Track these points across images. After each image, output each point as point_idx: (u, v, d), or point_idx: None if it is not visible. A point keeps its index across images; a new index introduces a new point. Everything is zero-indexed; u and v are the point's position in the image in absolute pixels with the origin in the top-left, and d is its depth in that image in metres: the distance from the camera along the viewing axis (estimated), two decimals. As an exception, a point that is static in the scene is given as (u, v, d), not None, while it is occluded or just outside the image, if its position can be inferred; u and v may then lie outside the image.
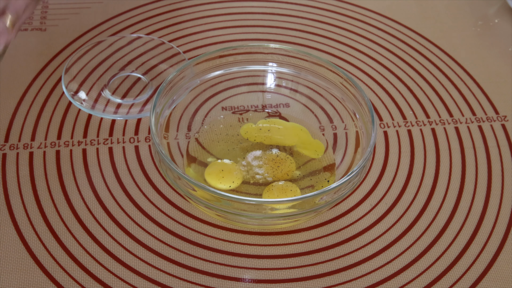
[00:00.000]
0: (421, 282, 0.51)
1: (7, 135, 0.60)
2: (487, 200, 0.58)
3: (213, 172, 0.55)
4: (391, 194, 0.58)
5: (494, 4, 0.82)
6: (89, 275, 0.50)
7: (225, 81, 0.61)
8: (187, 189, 0.49)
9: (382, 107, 0.66)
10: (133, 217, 0.54)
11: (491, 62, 0.73)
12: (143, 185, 0.57)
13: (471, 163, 0.61)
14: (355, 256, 0.53)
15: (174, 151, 0.56)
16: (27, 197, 0.55)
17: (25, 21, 0.73)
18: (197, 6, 0.77)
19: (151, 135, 0.50)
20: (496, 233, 0.55)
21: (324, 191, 0.47)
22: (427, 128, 0.64)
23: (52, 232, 0.53)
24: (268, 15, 0.76)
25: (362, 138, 0.55)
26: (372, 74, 0.70)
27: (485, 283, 0.52)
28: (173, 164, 0.48)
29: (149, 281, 0.50)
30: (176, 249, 0.52)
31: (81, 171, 0.57)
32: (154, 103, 0.51)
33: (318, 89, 0.60)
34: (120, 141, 0.60)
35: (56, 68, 0.67)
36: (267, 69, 0.61)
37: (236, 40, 0.72)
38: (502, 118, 0.66)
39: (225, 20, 0.75)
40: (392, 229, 0.55)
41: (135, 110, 0.63)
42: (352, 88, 0.56)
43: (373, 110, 0.52)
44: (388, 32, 0.76)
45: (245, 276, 0.51)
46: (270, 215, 0.49)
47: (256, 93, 0.63)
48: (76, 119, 0.62)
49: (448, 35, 0.76)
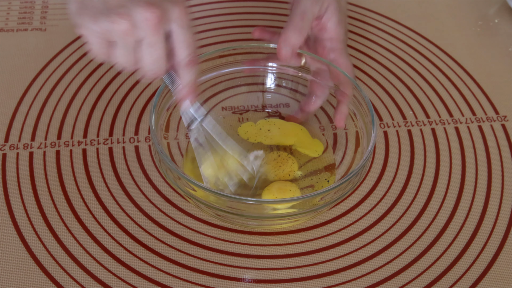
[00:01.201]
0: (421, 282, 0.51)
1: (7, 135, 0.60)
2: (487, 200, 0.58)
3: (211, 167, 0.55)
4: (391, 194, 0.58)
5: (494, 4, 0.81)
6: (89, 275, 0.50)
7: (225, 81, 0.61)
8: (187, 189, 0.49)
9: (382, 107, 0.66)
10: (133, 217, 0.54)
11: (491, 62, 0.73)
12: (143, 185, 0.57)
13: (471, 163, 0.61)
14: (355, 256, 0.53)
15: (174, 151, 0.56)
16: (27, 197, 0.55)
17: (25, 21, 0.73)
18: (197, 6, 0.77)
19: (151, 135, 0.50)
20: (496, 233, 0.55)
21: (324, 191, 0.47)
22: (427, 128, 0.64)
23: (52, 232, 0.53)
24: (268, 15, 0.76)
25: (362, 138, 0.55)
26: (372, 74, 0.70)
27: (485, 283, 0.52)
28: (173, 164, 0.48)
29: (149, 281, 0.50)
30: (176, 249, 0.52)
31: (81, 171, 0.57)
32: (154, 103, 0.51)
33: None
34: (120, 141, 0.60)
35: (56, 68, 0.67)
36: (267, 69, 0.61)
37: (236, 40, 0.72)
38: (502, 118, 0.66)
39: (225, 20, 0.75)
40: (392, 229, 0.55)
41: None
42: (352, 88, 0.56)
43: (373, 110, 0.52)
44: (388, 32, 0.75)
45: (245, 276, 0.51)
46: (270, 215, 0.49)
47: (256, 93, 0.63)
48: (76, 119, 0.62)
49: (448, 35, 0.76)
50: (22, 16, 0.74)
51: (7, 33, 0.71)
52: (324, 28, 0.56)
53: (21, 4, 0.75)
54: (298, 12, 0.54)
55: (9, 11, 0.74)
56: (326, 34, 0.57)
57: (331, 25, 0.56)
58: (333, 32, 0.56)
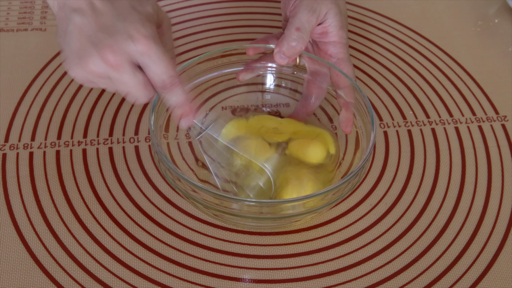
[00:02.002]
0: (421, 282, 0.51)
1: (7, 135, 0.60)
2: (487, 200, 0.58)
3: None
4: (391, 194, 0.58)
5: (494, 4, 0.81)
6: (89, 275, 0.50)
7: (225, 81, 0.61)
8: (186, 190, 0.48)
9: (382, 107, 0.66)
10: (133, 217, 0.54)
11: (491, 62, 0.73)
12: (143, 185, 0.57)
13: (471, 163, 0.61)
14: (355, 256, 0.53)
15: (174, 151, 0.56)
16: (27, 197, 0.55)
17: (25, 21, 0.73)
18: (197, 6, 0.77)
19: (150, 135, 0.50)
20: (496, 233, 0.55)
21: (324, 191, 0.47)
22: (427, 128, 0.64)
23: (52, 232, 0.53)
24: (268, 15, 0.76)
25: (362, 138, 0.55)
26: (372, 74, 0.70)
27: (485, 283, 0.52)
28: (172, 164, 0.48)
29: (149, 281, 0.50)
30: (176, 249, 0.52)
31: (81, 171, 0.57)
32: (153, 103, 0.51)
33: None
34: (120, 141, 0.60)
35: (56, 68, 0.67)
36: (267, 69, 0.61)
37: (236, 40, 0.72)
38: (502, 118, 0.66)
39: (225, 20, 0.75)
40: (392, 229, 0.55)
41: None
42: (354, 93, 0.55)
43: (372, 111, 0.52)
44: (388, 32, 0.75)
45: (245, 276, 0.51)
46: (269, 216, 0.49)
47: (256, 93, 0.63)
48: (76, 119, 0.62)
49: (448, 35, 0.76)
50: (22, 16, 0.74)
51: (7, 33, 0.71)
52: (326, 33, 0.56)
53: (21, 4, 0.75)
54: (294, 25, 0.53)
55: (9, 11, 0.74)
56: (328, 38, 0.56)
57: (332, 30, 0.56)
58: (336, 36, 0.56)
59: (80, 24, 0.42)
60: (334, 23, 0.55)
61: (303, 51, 0.56)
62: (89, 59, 0.42)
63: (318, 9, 0.54)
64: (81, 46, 0.42)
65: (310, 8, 0.53)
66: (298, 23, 0.53)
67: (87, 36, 0.42)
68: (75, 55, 0.43)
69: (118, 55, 0.42)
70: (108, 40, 0.41)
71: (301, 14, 0.53)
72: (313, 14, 0.53)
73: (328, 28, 0.55)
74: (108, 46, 0.41)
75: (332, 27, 0.55)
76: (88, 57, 0.42)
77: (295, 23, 0.53)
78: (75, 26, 0.42)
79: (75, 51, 0.42)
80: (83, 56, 0.42)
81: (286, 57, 0.54)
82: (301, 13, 0.53)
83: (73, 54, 0.43)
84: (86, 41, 0.42)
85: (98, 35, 0.41)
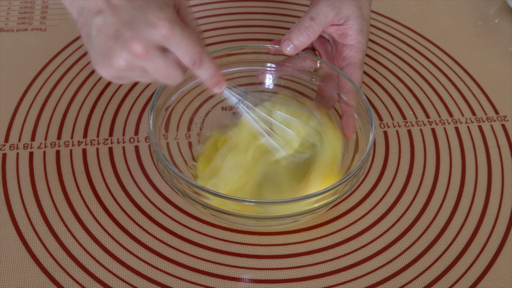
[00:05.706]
0: (421, 282, 0.51)
1: (7, 135, 0.60)
2: (487, 200, 0.58)
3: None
4: (391, 194, 0.58)
5: (494, 4, 0.81)
6: (89, 275, 0.50)
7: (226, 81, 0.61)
8: (184, 189, 0.48)
9: (382, 107, 0.66)
10: (133, 217, 0.54)
11: (491, 62, 0.73)
12: (143, 185, 0.57)
13: (471, 163, 0.61)
14: (355, 256, 0.53)
15: (174, 151, 0.56)
16: (27, 197, 0.55)
17: (25, 21, 0.73)
18: (197, 6, 0.77)
19: (149, 135, 0.50)
20: (496, 233, 0.55)
21: (323, 192, 0.47)
22: (427, 128, 0.64)
23: (52, 232, 0.53)
24: (268, 15, 0.76)
25: (361, 138, 0.55)
26: (372, 74, 0.70)
27: (485, 283, 0.52)
28: (170, 164, 0.48)
29: (149, 281, 0.50)
30: (176, 249, 0.52)
31: (81, 171, 0.57)
32: (153, 103, 0.51)
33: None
34: (120, 141, 0.60)
35: (56, 68, 0.67)
36: (267, 69, 0.61)
37: (236, 40, 0.72)
38: (502, 118, 0.66)
39: (225, 20, 0.75)
40: (392, 229, 0.55)
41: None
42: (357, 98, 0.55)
43: (371, 111, 0.52)
44: (388, 32, 0.76)
45: (244, 276, 0.51)
46: (267, 216, 0.49)
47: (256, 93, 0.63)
48: (76, 119, 0.62)
49: (448, 35, 0.76)
50: (22, 16, 0.74)
51: (7, 33, 0.71)
52: (345, 35, 0.56)
53: (21, 4, 0.75)
54: (310, 14, 0.54)
55: (9, 11, 0.74)
56: (346, 40, 0.56)
57: (352, 33, 0.56)
58: (354, 40, 0.56)
59: (102, 24, 0.42)
60: (355, 26, 0.55)
61: (313, 56, 0.56)
62: (117, 55, 0.42)
63: (339, 7, 0.54)
64: (106, 45, 0.42)
65: (331, 3, 0.54)
66: (314, 13, 0.54)
67: (110, 34, 0.42)
68: (102, 56, 0.42)
69: (144, 44, 0.41)
70: (131, 33, 0.41)
71: (320, 6, 0.54)
72: (332, 9, 0.54)
73: (348, 30, 0.55)
74: (132, 38, 0.41)
75: (352, 30, 0.55)
76: (116, 54, 0.42)
77: (311, 12, 0.54)
78: (97, 28, 0.42)
79: (102, 51, 0.42)
80: (110, 54, 0.42)
81: (292, 45, 0.54)
82: (320, 5, 0.54)
83: (101, 55, 0.43)
84: (110, 39, 0.42)
85: (121, 30, 0.41)
